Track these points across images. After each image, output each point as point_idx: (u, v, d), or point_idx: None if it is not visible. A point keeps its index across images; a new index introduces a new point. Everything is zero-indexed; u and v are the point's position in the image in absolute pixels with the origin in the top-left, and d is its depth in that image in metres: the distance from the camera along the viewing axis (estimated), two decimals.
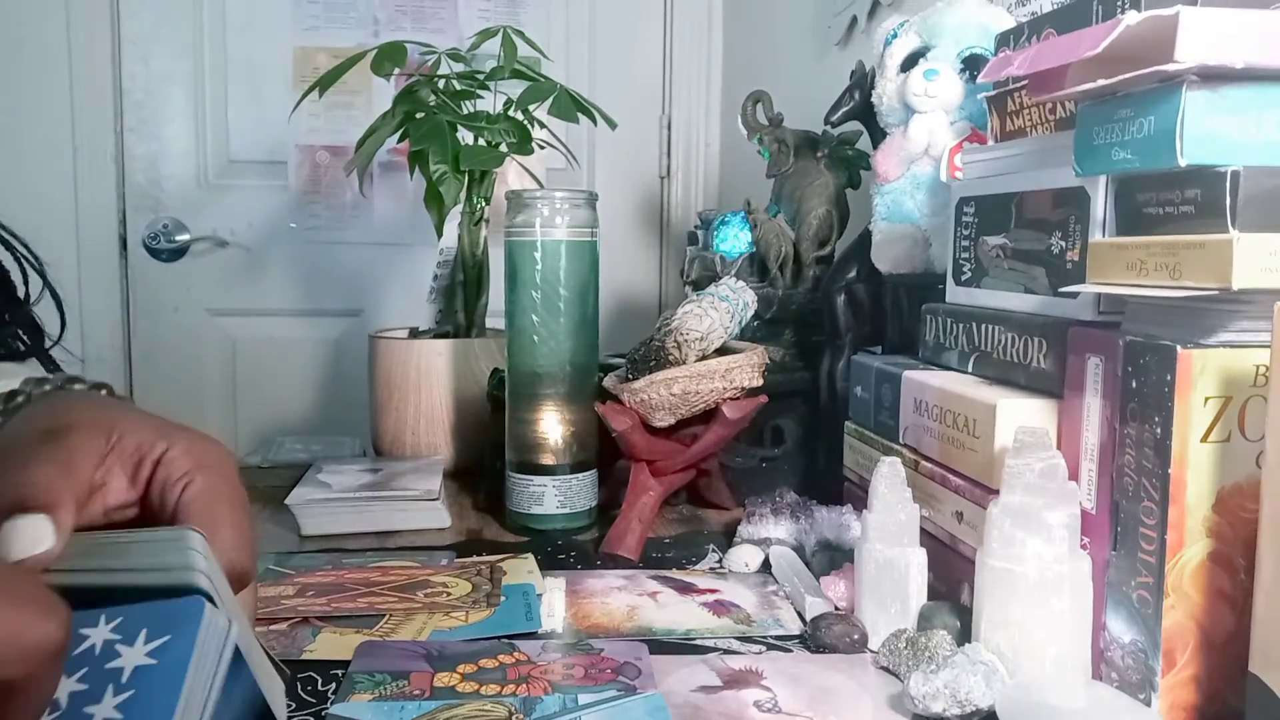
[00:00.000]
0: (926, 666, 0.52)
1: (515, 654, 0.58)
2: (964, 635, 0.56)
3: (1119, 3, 0.57)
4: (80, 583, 0.33)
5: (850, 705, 0.53)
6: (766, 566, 0.75)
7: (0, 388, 0.42)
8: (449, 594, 0.69)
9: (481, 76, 1.11)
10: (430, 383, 1.06)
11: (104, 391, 0.46)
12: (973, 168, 0.71)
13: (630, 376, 0.80)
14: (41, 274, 0.63)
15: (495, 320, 1.04)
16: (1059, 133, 0.63)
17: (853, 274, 0.92)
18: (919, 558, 0.60)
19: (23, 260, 0.63)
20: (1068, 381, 0.56)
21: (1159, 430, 0.47)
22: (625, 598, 0.69)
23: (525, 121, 1.09)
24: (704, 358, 0.80)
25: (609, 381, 0.83)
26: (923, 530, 0.62)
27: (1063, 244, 0.59)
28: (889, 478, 0.61)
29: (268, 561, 0.75)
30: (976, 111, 0.78)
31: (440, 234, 1.12)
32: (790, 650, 0.61)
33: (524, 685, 0.54)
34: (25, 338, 0.61)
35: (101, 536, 0.35)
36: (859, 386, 0.79)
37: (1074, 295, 0.57)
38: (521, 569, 0.74)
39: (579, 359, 0.85)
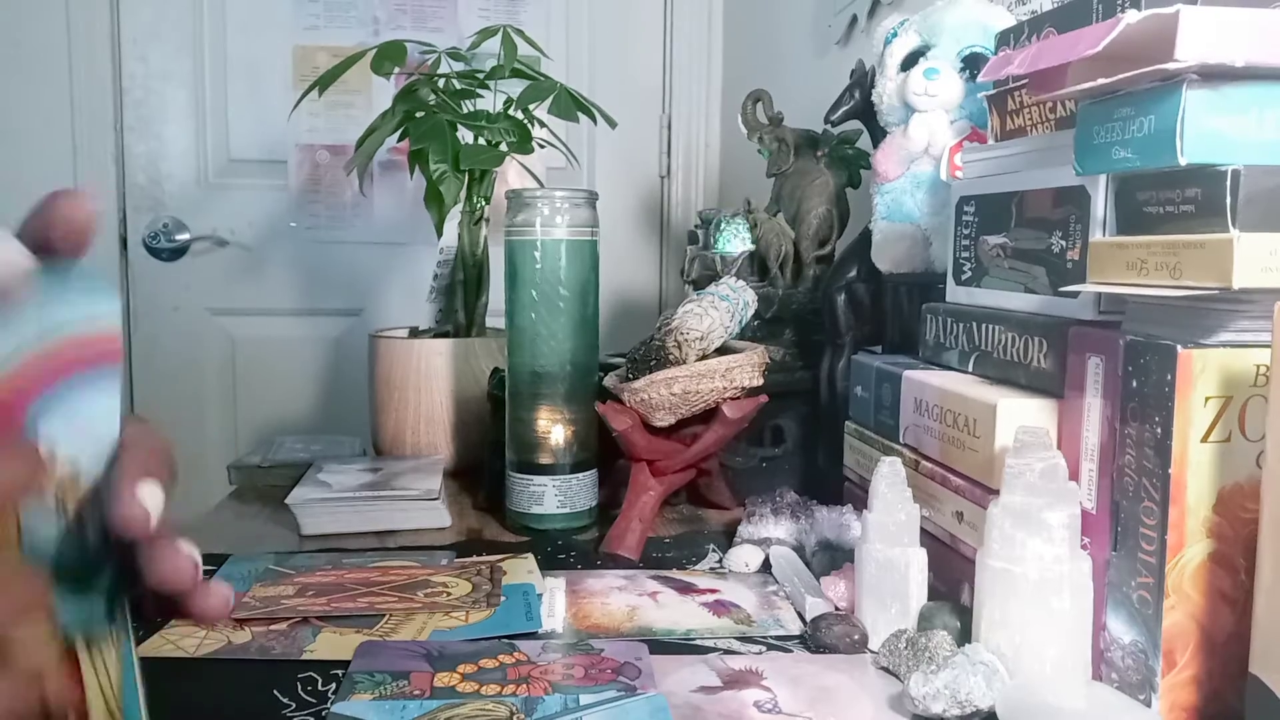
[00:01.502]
0: (926, 667, 0.52)
1: (515, 654, 0.58)
2: (964, 635, 0.56)
3: (1119, 1, 0.57)
4: None
5: (850, 705, 0.53)
6: (767, 566, 0.75)
7: None
8: (449, 594, 0.68)
9: (481, 75, 1.11)
10: (430, 383, 1.06)
11: None
12: (973, 167, 0.71)
13: (630, 376, 0.80)
14: None
15: (495, 320, 1.04)
16: (1059, 132, 0.63)
17: (853, 273, 0.92)
18: (919, 558, 0.60)
19: None
20: (1068, 381, 0.56)
21: (1159, 430, 0.47)
22: (625, 598, 0.69)
23: (525, 121, 1.09)
24: (704, 357, 0.80)
25: (609, 381, 0.83)
26: (923, 530, 0.62)
27: (1063, 243, 0.59)
28: (889, 478, 0.61)
29: (268, 561, 0.75)
30: (977, 110, 0.78)
31: (440, 233, 1.12)
32: (790, 650, 0.61)
33: (524, 685, 0.54)
34: None
35: None
36: (859, 386, 0.79)
37: (1074, 295, 0.57)
38: (521, 569, 0.74)
39: (579, 359, 0.85)
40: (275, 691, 0.54)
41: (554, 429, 0.85)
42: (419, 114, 1.08)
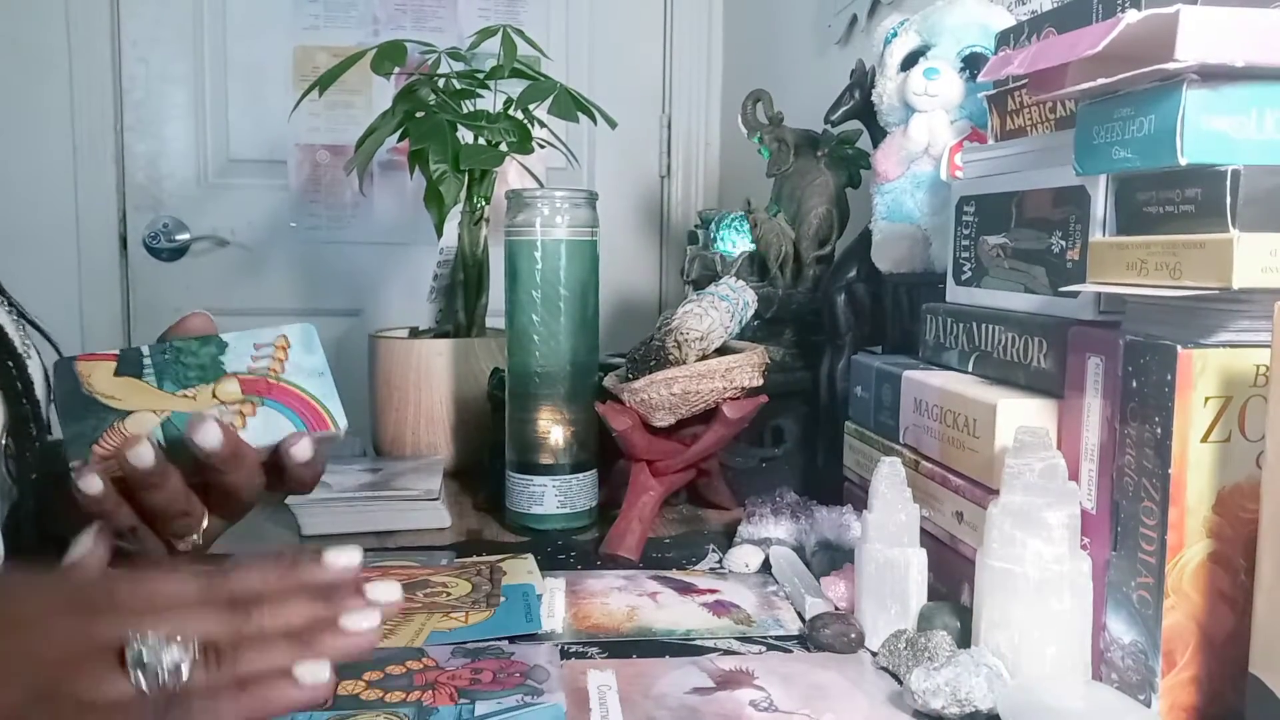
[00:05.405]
0: (928, 664, 0.51)
1: (424, 660, 0.58)
2: (964, 636, 0.56)
3: (1119, 1, 0.57)
4: None
5: (845, 700, 0.53)
6: (767, 567, 0.75)
7: None
8: (449, 594, 0.68)
9: (481, 75, 1.11)
10: (430, 383, 1.06)
11: None
12: (973, 167, 0.71)
13: (630, 376, 0.79)
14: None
15: (495, 320, 1.04)
16: (1059, 132, 0.63)
17: (853, 274, 0.92)
18: (919, 558, 0.60)
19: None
20: (1068, 381, 0.56)
21: (1159, 430, 0.47)
22: (625, 598, 0.69)
23: (525, 121, 1.09)
24: (704, 357, 0.80)
25: (609, 381, 0.83)
26: (923, 530, 0.62)
27: (1063, 243, 0.59)
28: (889, 478, 0.61)
29: None
30: (977, 110, 0.78)
31: (440, 234, 1.12)
32: (791, 650, 0.61)
33: (429, 692, 0.54)
34: None
35: None
36: (859, 386, 0.79)
37: (1074, 295, 0.57)
38: (521, 569, 0.74)
39: (579, 359, 0.85)
40: None
41: (554, 429, 0.85)
42: (419, 114, 1.08)
